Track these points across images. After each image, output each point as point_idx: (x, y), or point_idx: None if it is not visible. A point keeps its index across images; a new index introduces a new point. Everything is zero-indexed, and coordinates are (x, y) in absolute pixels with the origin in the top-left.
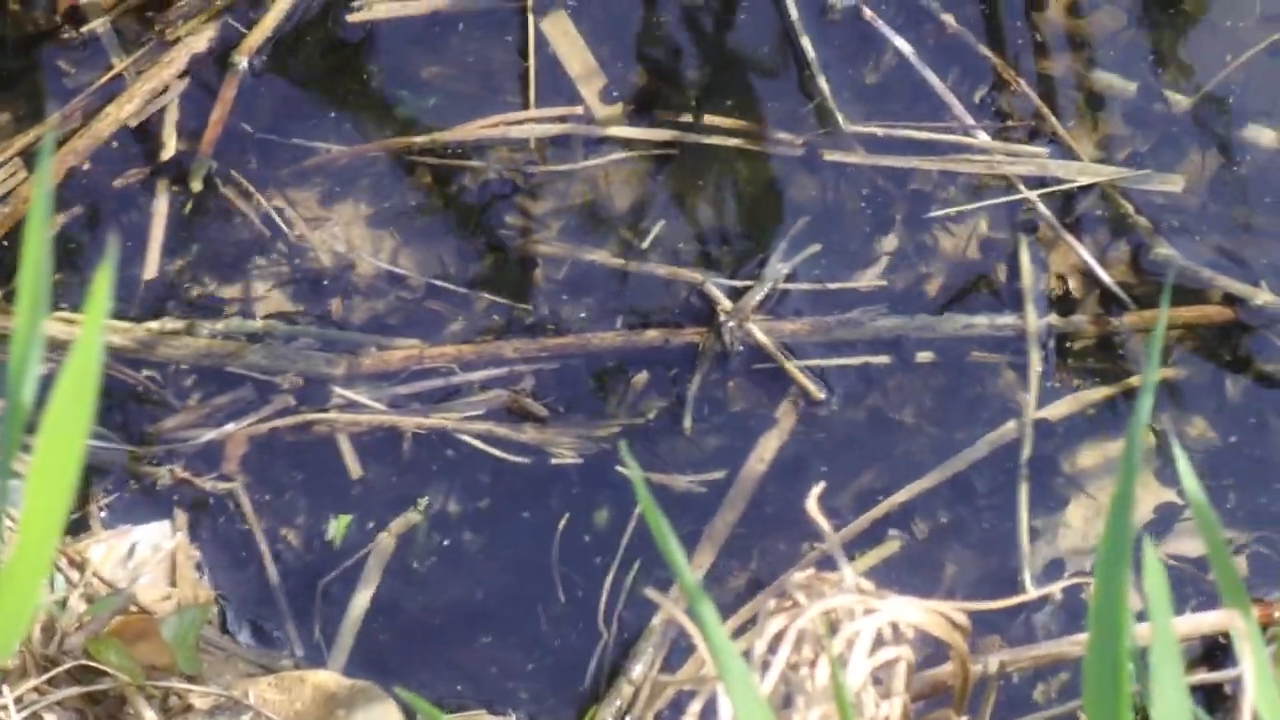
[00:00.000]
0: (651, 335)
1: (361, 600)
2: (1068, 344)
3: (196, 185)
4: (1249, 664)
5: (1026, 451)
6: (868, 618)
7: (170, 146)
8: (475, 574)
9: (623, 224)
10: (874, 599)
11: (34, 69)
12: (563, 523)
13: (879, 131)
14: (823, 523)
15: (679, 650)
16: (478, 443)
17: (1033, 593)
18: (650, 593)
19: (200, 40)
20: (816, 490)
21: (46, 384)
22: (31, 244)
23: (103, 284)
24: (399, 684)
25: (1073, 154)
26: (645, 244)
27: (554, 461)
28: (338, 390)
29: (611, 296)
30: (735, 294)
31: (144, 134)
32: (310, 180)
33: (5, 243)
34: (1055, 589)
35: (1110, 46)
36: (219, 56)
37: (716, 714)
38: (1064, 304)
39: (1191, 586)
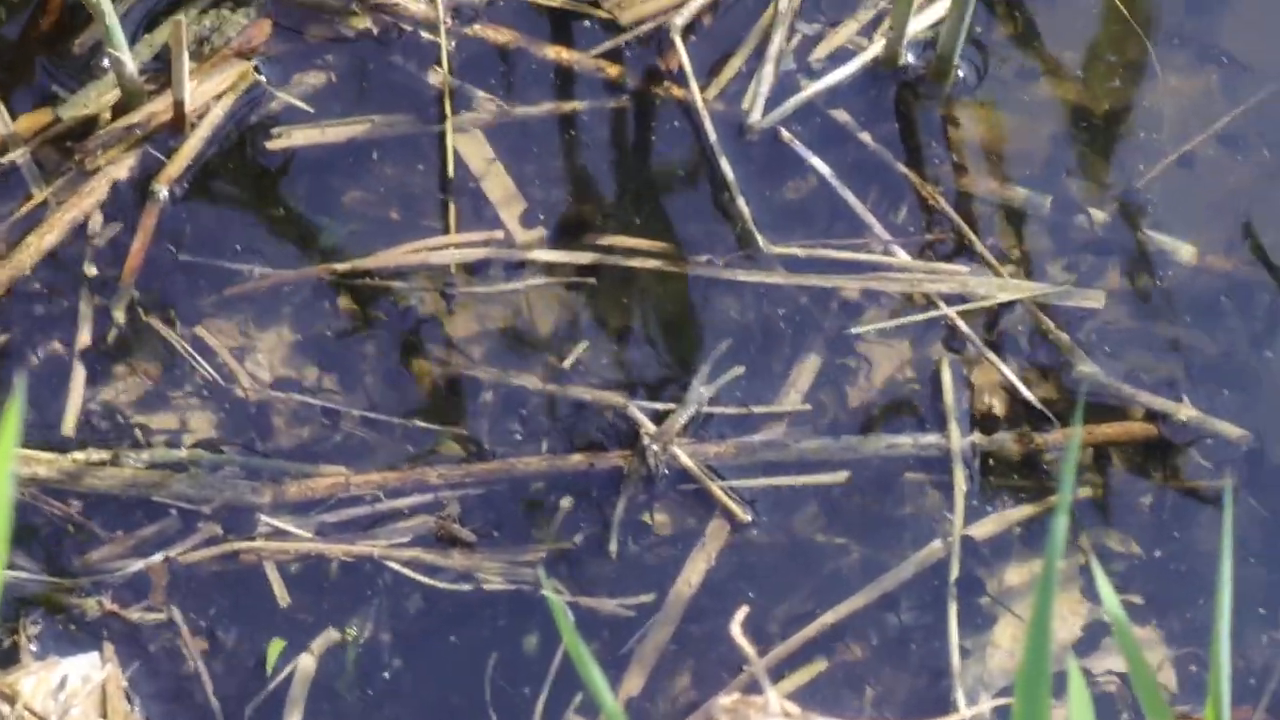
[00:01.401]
0: (576, 459)
1: None
2: (992, 462)
3: (119, 315)
4: None
5: (955, 571)
6: None
7: (92, 276)
8: (405, 701)
9: (546, 347)
10: None
11: None
12: (492, 649)
13: (799, 252)
14: (746, 647)
15: None
16: (405, 569)
17: (964, 713)
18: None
19: (120, 169)
20: (740, 615)
21: None
22: None
23: (10, 421)
24: None
25: (993, 271)
26: (568, 366)
27: (482, 587)
28: (264, 518)
29: (536, 420)
30: (659, 417)
31: (65, 264)
32: (233, 307)
33: None
34: (983, 709)
35: (1027, 163)
36: (139, 185)
37: None
38: (987, 422)
39: (1122, 703)
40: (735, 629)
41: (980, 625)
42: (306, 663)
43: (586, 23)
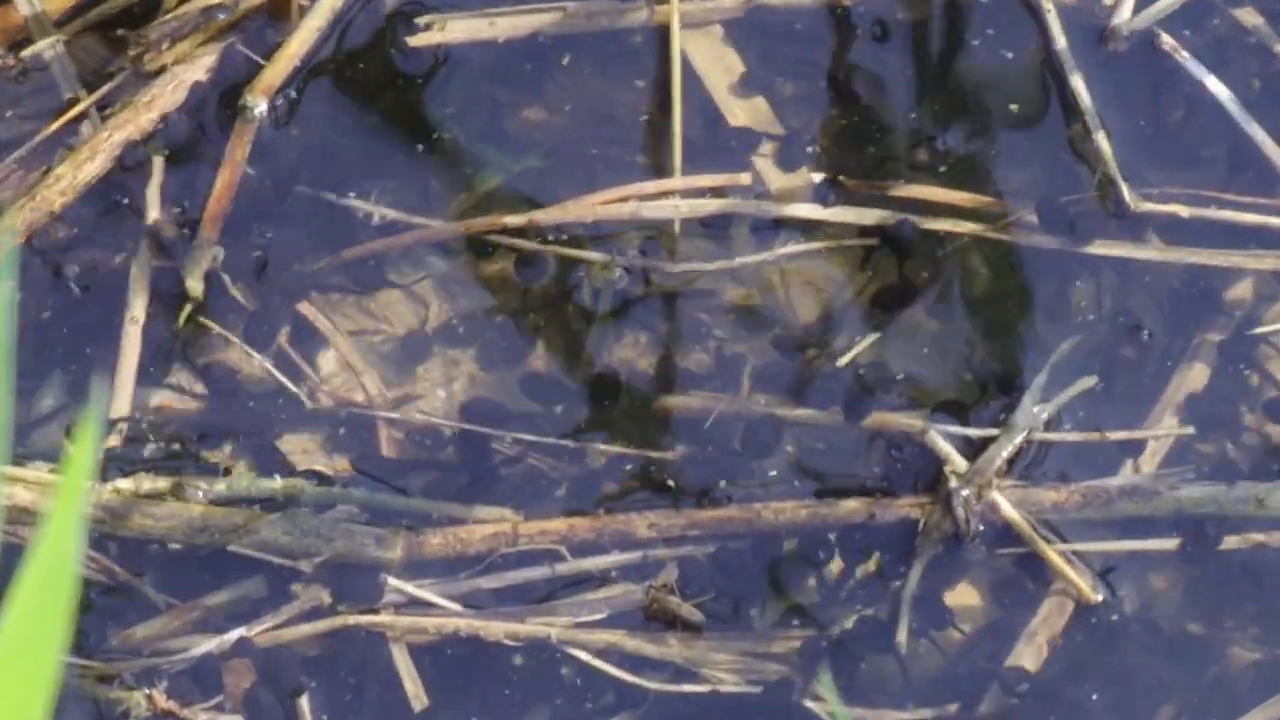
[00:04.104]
0: (850, 507)
1: None
2: None
3: (193, 284)
4: None
5: None
6: None
7: (153, 226)
8: None
9: (808, 344)
10: None
11: None
12: None
13: (1182, 212)
14: None
15: None
16: (597, 660)
17: None
18: None
19: (195, 70)
20: None
21: None
22: None
23: (83, 454)
24: None
25: None
26: (839, 370)
27: (710, 687)
28: (392, 581)
29: (791, 451)
30: (972, 448)
31: (113, 207)
32: (354, 276)
33: None
34: None
35: None
36: (225, 95)
37: None
38: None
39: None
40: None
41: None
42: None
43: None
